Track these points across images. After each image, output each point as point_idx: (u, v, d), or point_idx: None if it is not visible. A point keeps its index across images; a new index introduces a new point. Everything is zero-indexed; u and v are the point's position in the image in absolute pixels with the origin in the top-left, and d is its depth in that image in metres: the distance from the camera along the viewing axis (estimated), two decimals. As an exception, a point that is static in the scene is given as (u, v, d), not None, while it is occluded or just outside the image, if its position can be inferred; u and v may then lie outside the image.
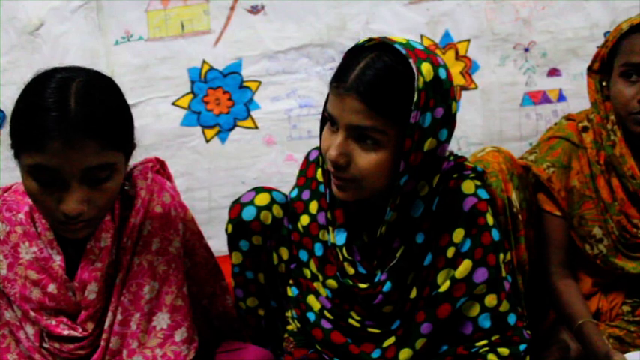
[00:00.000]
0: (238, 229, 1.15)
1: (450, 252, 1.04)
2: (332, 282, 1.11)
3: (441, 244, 1.04)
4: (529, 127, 1.72)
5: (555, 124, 1.44)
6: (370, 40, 1.00)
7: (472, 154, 1.37)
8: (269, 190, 1.19)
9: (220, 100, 1.68)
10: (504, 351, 1.06)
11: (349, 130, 0.96)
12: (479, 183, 1.07)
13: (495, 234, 1.05)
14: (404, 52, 0.95)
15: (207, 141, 1.68)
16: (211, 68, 1.68)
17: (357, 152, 0.97)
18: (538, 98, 1.72)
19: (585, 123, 1.34)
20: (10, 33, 1.66)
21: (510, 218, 1.19)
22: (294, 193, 1.18)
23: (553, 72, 1.72)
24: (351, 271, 1.09)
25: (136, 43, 1.66)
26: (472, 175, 1.08)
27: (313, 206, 1.15)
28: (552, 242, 1.32)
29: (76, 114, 0.89)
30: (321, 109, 1.72)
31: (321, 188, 1.14)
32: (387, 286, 1.06)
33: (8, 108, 1.67)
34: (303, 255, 1.16)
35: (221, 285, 1.22)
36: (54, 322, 1.03)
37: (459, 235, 1.04)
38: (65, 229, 0.96)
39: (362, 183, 0.99)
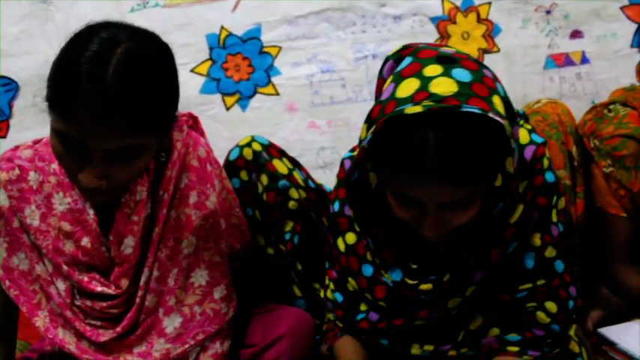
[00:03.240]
0: (228, 170, 1.21)
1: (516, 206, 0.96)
2: (383, 303, 1.05)
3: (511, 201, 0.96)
4: (553, 90, 1.68)
5: (609, 109, 1.33)
6: (416, 100, 0.82)
7: (526, 105, 1.34)
8: (252, 135, 1.26)
9: (240, 66, 1.65)
10: (552, 307, 1.00)
11: (441, 206, 0.86)
12: (529, 126, 1.01)
13: (549, 176, 0.98)
14: (477, 110, 0.80)
15: (228, 109, 1.64)
16: (230, 34, 1.64)
17: (452, 216, 0.87)
18: (561, 61, 1.70)
19: None
20: (22, 1, 1.62)
21: (571, 172, 1.15)
22: (337, 206, 1.10)
23: (576, 34, 1.69)
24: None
25: (152, 10, 1.62)
26: (521, 122, 1.01)
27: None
28: (615, 241, 1.27)
29: (111, 90, 0.80)
30: (342, 74, 1.73)
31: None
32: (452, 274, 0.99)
33: (21, 78, 1.66)
34: (346, 272, 1.09)
35: (252, 249, 1.19)
36: (86, 279, 0.98)
37: (522, 187, 0.97)
38: (84, 194, 0.93)
39: (458, 229, 0.92)
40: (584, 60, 1.70)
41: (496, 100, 0.83)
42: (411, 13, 1.67)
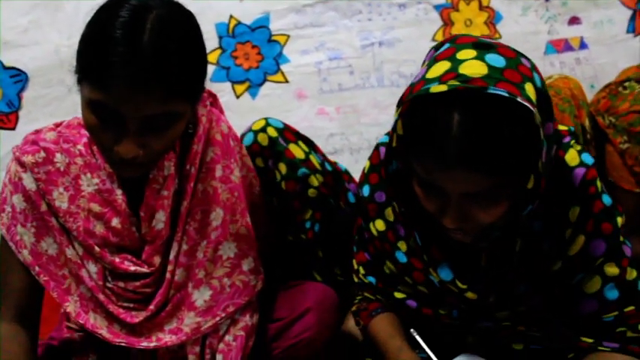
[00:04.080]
0: None
1: (568, 233, 0.90)
2: (423, 288, 1.04)
3: (558, 225, 0.91)
4: (554, 75, 1.74)
5: (624, 86, 1.36)
6: (440, 80, 0.79)
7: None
8: (266, 118, 1.21)
9: (249, 54, 1.66)
10: None
11: (464, 197, 0.82)
12: (579, 147, 0.94)
13: (606, 199, 0.92)
14: (504, 93, 0.75)
15: (238, 96, 1.66)
16: (239, 23, 1.66)
17: (477, 211, 0.83)
18: (561, 47, 1.74)
19: None
20: (31, -8, 1.62)
21: (583, 145, 1.17)
22: (366, 191, 1.07)
23: (574, 20, 1.74)
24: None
25: (162, 0, 1.63)
26: (572, 142, 0.94)
27: (389, 213, 1.05)
28: (626, 213, 1.28)
29: (148, 54, 0.80)
30: (350, 62, 1.76)
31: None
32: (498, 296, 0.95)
33: (30, 69, 1.66)
34: (381, 255, 1.09)
35: (272, 232, 1.20)
36: (118, 259, 0.98)
37: (574, 213, 0.90)
38: (118, 168, 0.92)
39: (486, 230, 0.88)
40: (583, 45, 1.75)
41: (529, 88, 0.78)
42: (415, 1, 1.71)
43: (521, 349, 1.02)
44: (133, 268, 0.98)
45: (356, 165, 1.36)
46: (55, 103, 1.61)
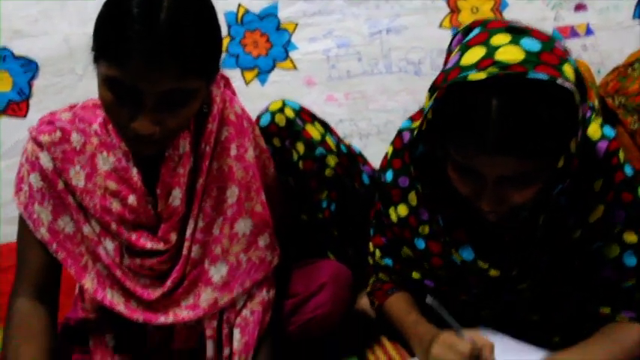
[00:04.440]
0: None
1: (590, 203, 0.91)
2: (442, 272, 1.05)
3: (583, 199, 0.92)
4: (560, 61, 1.75)
5: (633, 67, 1.38)
6: (480, 66, 0.78)
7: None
8: (283, 99, 1.22)
9: (258, 42, 1.68)
10: None
11: (500, 180, 0.83)
12: (599, 120, 0.94)
13: (628, 170, 0.92)
14: (544, 77, 0.75)
15: (247, 83, 1.67)
16: (247, 11, 1.68)
17: (512, 193, 0.84)
18: (567, 33, 1.76)
19: None
20: (40, -18, 1.63)
21: None
22: (389, 177, 1.08)
23: (580, 7, 1.76)
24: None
25: (170, -11, 1.65)
26: (593, 116, 0.93)
27: (413, 197, 1.05)
28: None
29: (165, 31, 0.81)
30: (358, 49, 1.77)
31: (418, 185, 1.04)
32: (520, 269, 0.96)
33: (41, 58, 1.67)
34: (399, 242, 1.10)
35: (287, 212, 1.21)
36: (134, 236, 0.99)
37: (598, 185, 0.91)
38: (134, 145, 0.92)
39: (516, 209, 0.89)
40: (589, 32, 1.76)
41: (567, 69, 0.78)
42: (422, -11, 1.72)
43: (538, 319, 1.03)
44: (149, 245, 0.99)
45: (365, 150, 1.36)
46: (66, 91, 1.63)
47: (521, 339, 1.03)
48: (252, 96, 1.67)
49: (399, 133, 1.08)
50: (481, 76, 0.76)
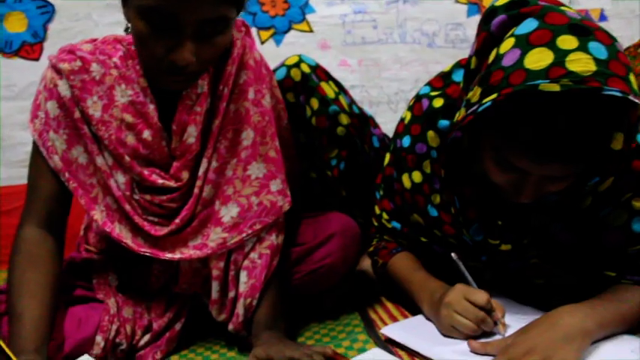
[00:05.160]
0: None
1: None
2: (453, 240, 1.06)
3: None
4: (574, 44, 1.76)
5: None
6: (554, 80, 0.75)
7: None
8: (299, 55, 1.22)
9: (276, 2, 1.67)
10: None
11: (543, 177, 0.84)
12: None
13: (639, 137, 0.91)
14: (618, 93, 0.74)
15: (263, 42, 1.67)
16: (266, -30, 1.67)
17: (549, 187, 0.85)
18: (582, 17, 1.76)
19: None
20: None
21: None
22: (407, 142, 1.08)
23: (596, -8, 1.77)
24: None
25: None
26: None
27: (427, 165, 1.06)
28: None
29: None
30: (374, 16, 1.77)
31: (433, 154, 1.05)
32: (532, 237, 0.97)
33: (58, 2, 1.66)
34: (411, 208, 1.10)
35: (298, 166, 1.21)
36: (146, 172, 0.99)
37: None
38: (166, 79, 0.92)
39: (548, 196, 0.90)
40: (602, 18, 1.77)
41: (632, 79, 0.78)
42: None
43: (543, 283, 1.04)
44: (160, 181, 0.99)
45: (375, 118, 1.36)
46: (81, 36, 1.58)
47: (523, 301, 1.04)
48: (267, 56, 1.59)
49: (419, 98, 1.07)
50: (555, 88, 0.74)
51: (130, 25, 0.93)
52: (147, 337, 1.05)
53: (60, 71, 0.98)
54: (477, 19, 1.72)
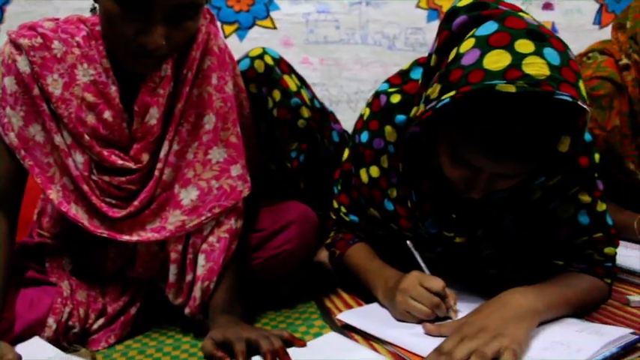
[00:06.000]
0: None
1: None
2: (409, 234, 1.08)
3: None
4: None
5: (588, 56, 1.44)
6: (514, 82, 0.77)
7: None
8: (263, 47, 1.23)
9: (241, -2, 1.69)
10: (611, 251, 1.01)
11: (496, 175, 0.87)
12: None
13: (587, 136, 0.97)
14: (568, 98, 0.78)
15: (226, 37, 1.67)
16: (232, -33, 1.69)
17: (500, 184, 0.88)
18: (534, 28, 1.84)
19: (625, 60, 1.36)
20: None
21: None
22: (365, 137, 1.10)
23: (548, 6, 1.85)
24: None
25: None
26: None
27: (384, 160, 1.08)
28: None
29: None
30: (337, 17, 1.80)
31: (390, 148, 1.06)
32: (485, 229, 1.01)
33: (17, -15, 1.62)
34: (367, 203, 1.13)
35: (258, 156, 1.22)
36: (106, 152, 0.98)
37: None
38: (133, 61, 0.91)
39: (498, 193, 0.94)
40: (553, 30, 1.85)
41: (581, 86, 0.81)
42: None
43: (496, 273, 1.08)
44: (120, 162, 0.98)
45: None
46: None
47: (477, 291, 1.08)
48: (229, 50, 1.68)
49: (377, 95, 1.10)
50: (511, 89, 0.76)
51: (96, 5, 0.93)
52: (101, 321, 1.04)
53: (19, 47, 0.96)
54: (436, 24, 1.78)
